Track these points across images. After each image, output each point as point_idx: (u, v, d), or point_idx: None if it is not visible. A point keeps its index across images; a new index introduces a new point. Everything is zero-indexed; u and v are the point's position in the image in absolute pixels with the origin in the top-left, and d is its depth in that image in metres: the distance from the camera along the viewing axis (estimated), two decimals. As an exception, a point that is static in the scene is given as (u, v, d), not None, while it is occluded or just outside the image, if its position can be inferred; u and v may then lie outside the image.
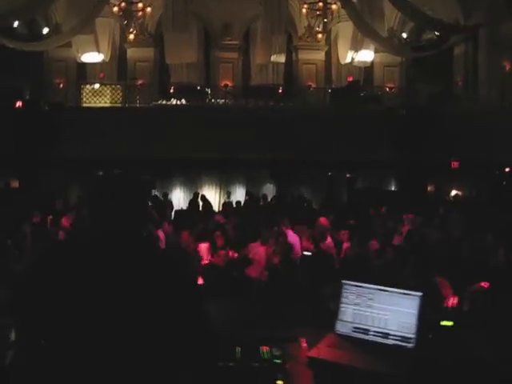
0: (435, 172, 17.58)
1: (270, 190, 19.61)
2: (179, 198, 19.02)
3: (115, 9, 20.16)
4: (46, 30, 20.04)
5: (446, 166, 17.16)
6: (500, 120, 16.88)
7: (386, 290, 2.71)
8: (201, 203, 17.04)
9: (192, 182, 19.45)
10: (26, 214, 11.73)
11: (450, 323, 2.95)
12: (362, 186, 19.14)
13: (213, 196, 18.65)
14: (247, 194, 18.31)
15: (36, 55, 19.64)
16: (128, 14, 20.48)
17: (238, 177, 19.90)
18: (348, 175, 19.25)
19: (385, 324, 2.68)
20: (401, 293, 2.68)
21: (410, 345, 2.60)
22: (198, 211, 16.10)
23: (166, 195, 17.90)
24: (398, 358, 2.50)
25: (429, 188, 18.79)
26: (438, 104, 17.69)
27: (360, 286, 2.77)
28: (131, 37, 20.96)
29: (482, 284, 4.12)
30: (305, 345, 2.66)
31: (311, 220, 11.44)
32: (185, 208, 17.36)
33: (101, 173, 18.36)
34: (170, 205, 17.24)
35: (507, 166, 17.41)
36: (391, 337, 2.65)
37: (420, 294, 2.65)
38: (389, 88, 21.51)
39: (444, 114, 16.63)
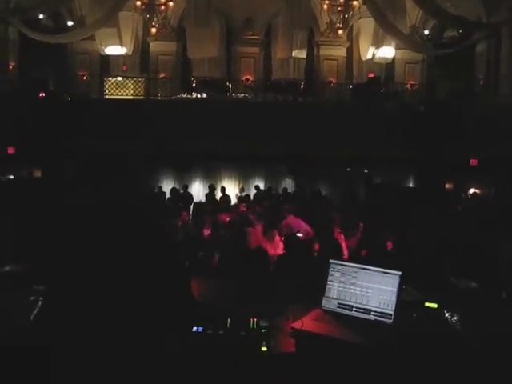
0: (454, 169, 17.54)
1: (288, 185, 19.78)
2: (198, 191, 19.25)
3: (138, 3, 20.47)
4: (70, 23, 20.38)
5: (464, 163, 17.12)
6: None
7: (369, 269, 2.88)
8: (220, 195, 17.28)
9: (211, 176, 19.65)
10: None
11: (434, 305, 3.10)
12: (380, 182, 19.17)
13: (232, 190, 18.82)
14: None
15: (60, 47, 19.96)
16: (151, 7, 20.77)
17: (257, 171, 20.09)
18: (366, 171, 19.30)
19: (367, 301, 2.85)
20: (382, 272, 2.85)
21: (389, 320, 2.76)
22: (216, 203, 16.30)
23: (185, 187, 18.17)
24: (377, 332, 2.67)
25: (447, 185, 18.78)
26: (459, 101, 17.63)
27: (345, 265, 2.94)
28: (154, 30, 21.21)
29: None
30: (291, 318, 2.83)
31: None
32: (203, 200, 17.61)
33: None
34: (190, 197, 17.49)
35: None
36: (373, 313, 2.82)
37: (399, 273, 2.81)
38: (410, 85, 21.48)
39: (464, 111, 16.60)
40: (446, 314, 2.94)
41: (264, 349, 2.45)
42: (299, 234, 7.82)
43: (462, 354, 2.54)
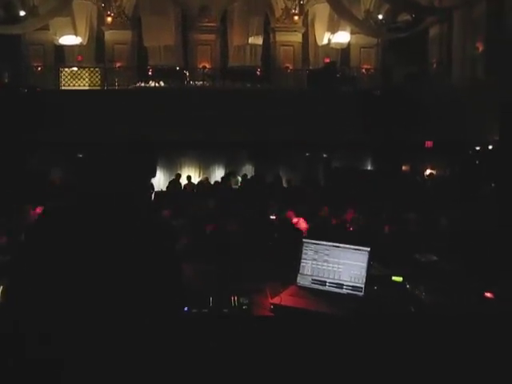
0: (410, 152, 17.96)
1: (248, 171, 19.95)
2: (159, 180, 19.23)
3: (93, -9, 20.25)
4: (22, 13, 19.95)
5: (420, 145, 17.54)
6: (472, 100, 17.27)
7: (339, 246, 3.07)
8: (184, 183, 17.37)
9: (172, 164, 19.65)
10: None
11: (399, 279, 3.32)
12: (339, 166, 19.49)
13: (192, 177, 18.89)
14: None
15: (13, 38, 19.57)
16: (105, -4, 20.56)
17: (217, 158, 20.19)
18: (325, 155, 19.60)
19: (339, 276, 3.05)
20: (352, 248, 3.04)
21: (360, 293, 2.97)
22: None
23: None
24: (350, 304, 2.87)
25: (404, 167, 19.22)
26: (413, 85, 18.02)
27: (317, 244, 3.12)
28: (109, 19, 20.99)
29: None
30: (269, 295, 3.01)
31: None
32: (164, 189, 17.63)
33: (80, 155, 18.58)
34: (151, 186, 17.47)
35: (479, 145, 17.84)
36: (345, 287, 3.02)
37: (368, 249, 3.01)
38: (365, 69, 21.80)
39: (418, 95, 16.97)
40: (410, 287, 3.16)
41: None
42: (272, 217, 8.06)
43: (426, 322, 2.76)
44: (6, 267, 3.36)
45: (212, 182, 18.10)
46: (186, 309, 2.66)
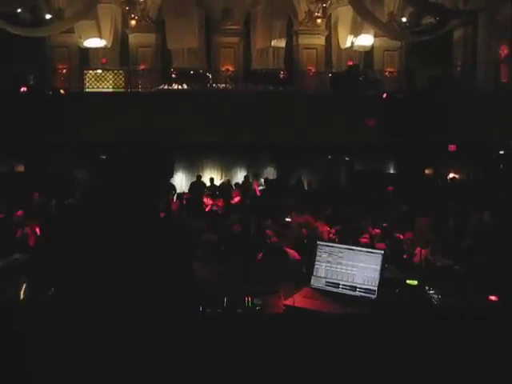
0: (433, 155, 17.86)
1: (270, 174, 19.99)
2: (181, 182, 19.35)
3: (117, -6, 20.43)
4: (48, 16, 20.20)
5: (443, 149, 17.43)
6: (497, 104, 17.12)
7: (353, 249, 3.09)
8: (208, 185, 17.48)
9: (193, 166, 19.76)
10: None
11: (414, 282, 3.32)
12: (361, 168, 19.45)
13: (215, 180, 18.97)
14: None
15: (39, 41, 19.84)
16: (130, -1, 20.74)
17: (238, 160, 20.25)
18: (347, 158, 19.56)
19: (352, 278, 3.06)
20: (366, 251, 3.06)
21: (373, 296, 2.98)
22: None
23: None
24: (362, 306, 2.88)
25: (427, 171, 19.12)
26: (436, 88, 17.91)
27: (331, 246, 3.14)
28: (133, 22, 21.15)
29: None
30: (282, 296, 3.03)
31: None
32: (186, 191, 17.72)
33: (103, 156, 18.77)
34: (173, 188, 17.59)
35: (503, 149, 17.69)
36: (358, 289, 3.04)
37: (382, 252, 3.02)
38: (388, 72, 21.69)
39: (441, 98, 16.87)
40: (426, 290, 3.16)
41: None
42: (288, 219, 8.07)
43: (439, 325, 2.76)
44: (27, 264, 3.44)
45: (233, 185, 18.14)
46: (200, 308, 2.70)
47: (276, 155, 19.27)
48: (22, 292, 3.27)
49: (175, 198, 16.43)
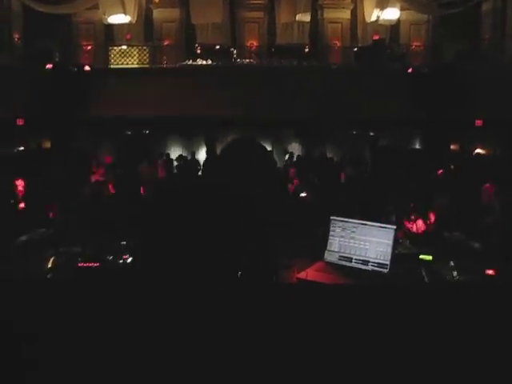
0: (459, 130, 17.65)
1: (295, 149, 19.98)
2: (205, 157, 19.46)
3: (140, -30, 20.39)
4: (72, -7, 20.26)
5: (470, 124, 17.21)
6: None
7: (366, 224, 3.12)
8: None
9: (219, 141, 19.83)
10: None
11: (429, 257, 3.34)
12: (385, 144, 19.32)
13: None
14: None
15: (64, 18, 19.94)
16: (153, -26, 20.69)
17: (263, 136, 20.24)
18: (372, 134, 19.44)
19: (365, 253, 3.11)
20: (378, 226, 3.09)
21: (385, 270, 3.02)
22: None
23: (193, 154, 18.42)
24: (374, 280, 2.92)
25: (452, 146, 18.91)
26: (464, 62, 17.65)
27: (345, 221, 3.18)
28: (157, -2, 21.16)
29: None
30: (296, 270, 3.09)
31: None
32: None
33: (129, 132, 18.96)
34: (198, 163, 17.75)
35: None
36: (370, 264, 3.08)
37: (394, 227, 3.05)
38: (415, 46, 21.40)
39: (469, 73, 16.63)
40: (437, 265, 3.19)
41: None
42: (303, 194, 8.09)
43: (450, 300, 2.78)
44: (51, 239, 3.55)
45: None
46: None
47: (300, 130, 19.23)
48: (49, 265, 3.39)
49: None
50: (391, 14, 20.81)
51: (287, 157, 18.74)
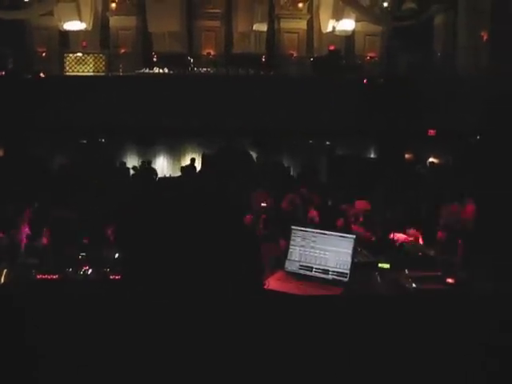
0: (413, 140, 17.99)
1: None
2: (162, 166, 19.34)
3: (97, -23, 20.21)
4: (27, -2, 19.93)
5: (423, 134, 17.56)
6: (476, 89, 17.23)
7: (326, 234, 3.17)
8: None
9: (175, 150, 19.74)
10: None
11: (387, 265, 3.41)
12: (341, 153, 19.53)
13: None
14: None
15: (18, 24, 19.58)
16: (110, -18, 20.53)
17: (219, 145, 20.23)
18: (328, 143, 19.64)
19: (325, 262, 3.15)
20: (338, 236, 3.14)
21: (345, 279, 3.07)
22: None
23: (149, 163, 18.29)
24: (334, 289, 2.97)
25: (407, 156, 19.25)
26: (417, 73, 18.03)
27: (305, 231, 3.22)
28: (113, 5, 20.96)
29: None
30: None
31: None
32: (168, 175, 17.75)
33: (84, 141, 18.71)
34: (154, 172, 17.62)
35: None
36: (331, 273, 3.12)
37: (354, 236, 3.11)
38: (370, 57, 21.74)
39: (421, 83, 16.98)
40: (398, 274, 3.26)
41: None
42: (263, 204, 8.13)
43: (408, 307, 2.85)
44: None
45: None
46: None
47: (257, 140, 19.29)
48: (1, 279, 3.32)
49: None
50: (347, 24, 21.11)
51: None
